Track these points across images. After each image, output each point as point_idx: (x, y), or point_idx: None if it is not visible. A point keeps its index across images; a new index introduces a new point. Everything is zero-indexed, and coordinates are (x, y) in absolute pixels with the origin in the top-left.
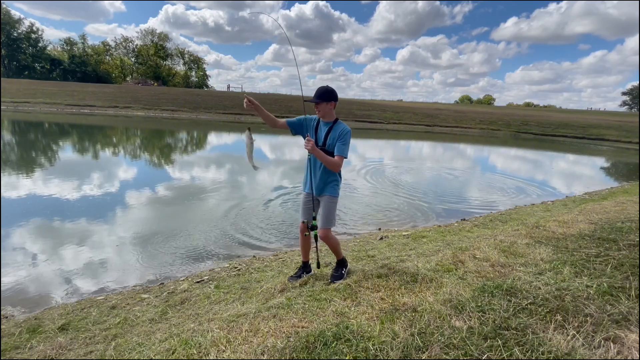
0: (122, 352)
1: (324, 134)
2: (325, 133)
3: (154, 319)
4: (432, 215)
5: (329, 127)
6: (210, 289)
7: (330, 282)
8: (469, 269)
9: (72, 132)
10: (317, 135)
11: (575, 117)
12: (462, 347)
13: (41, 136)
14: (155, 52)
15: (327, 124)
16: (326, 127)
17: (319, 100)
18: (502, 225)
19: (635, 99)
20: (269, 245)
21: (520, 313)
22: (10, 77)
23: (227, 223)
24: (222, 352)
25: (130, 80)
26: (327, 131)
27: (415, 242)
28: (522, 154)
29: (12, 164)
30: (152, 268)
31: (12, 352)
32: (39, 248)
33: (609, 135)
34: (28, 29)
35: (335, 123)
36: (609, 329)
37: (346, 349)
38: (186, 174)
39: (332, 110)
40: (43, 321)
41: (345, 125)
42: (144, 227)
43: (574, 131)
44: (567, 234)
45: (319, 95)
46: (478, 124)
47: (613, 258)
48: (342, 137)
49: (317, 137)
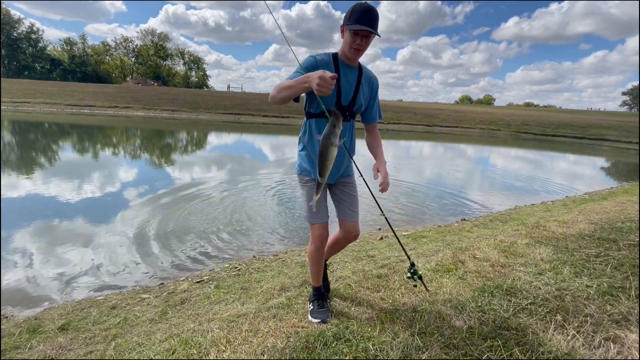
0: (122, 352)
1: (353, 86)
2: (354, 85)
3: (154, 319)
4: (432, 215)
5: (355, 74)
6: (210, 289)
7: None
8: (469, 269)
9: (72, 132)
10: (341, 86)
11: (575, 117)
12: (462, 347)
13: (41, 136)
14: (156, 52)
15: (352, 70)
16: (353, 75)
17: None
18: (502, 225)
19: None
20: (269, 246)
21: (520, 313)
22: (10, 77)
23: (228, 223)
24: (222, 352)
25: (130, 80)
26: (356, 82)
27: (415, 242)
28: (522, 154)
29: (12, 164)
30: (152, 268)
31: (12, 352)
32: (39, 248)
33: (609, 135)
34: (28, 29)
35: (363, 68)
36: (609, 329)
37: (346, 349)
38: (186, 174)
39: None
40: (43, 321)
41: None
42: (144, 227)
43: (574, 131)
44: (567, 234)
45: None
46: (478, 124)
47: (613, 258)
48: (375, 91)
49: (341, 91)
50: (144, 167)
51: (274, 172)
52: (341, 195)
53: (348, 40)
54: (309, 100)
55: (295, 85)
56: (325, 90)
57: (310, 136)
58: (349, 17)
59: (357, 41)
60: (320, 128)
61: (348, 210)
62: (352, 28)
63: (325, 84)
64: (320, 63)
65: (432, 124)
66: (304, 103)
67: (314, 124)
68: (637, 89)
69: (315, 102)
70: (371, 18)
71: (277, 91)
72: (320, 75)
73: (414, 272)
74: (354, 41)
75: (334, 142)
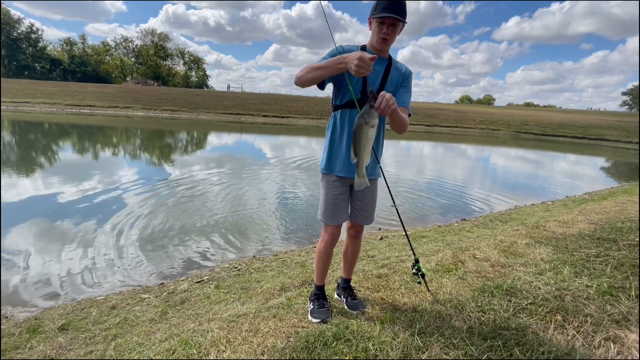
0: (122, 352)
1: (381, 75)
2: (382, 75)
3: (154, 319)
4: (432, 215)
5: (384, 65)
6: (210, 289)
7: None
8: (469, 269)
9: (72, 132)
10: (368, 77)
11: (575, 117)
12: (462, 347)
13: (41, 136)
14: (156, 52)
15: (382, 61)
16: (381, 66)
17: (401, 18)
18: (502, 225)
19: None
20: (269, 246)
21: (520, 313)
22: (10, 77)
23: (228, 223)
24: (222, 352)
25: (130, 80)
26: (384, 72)
27: (415, 242)
28: (522, 154)
29: (12, 164)
30: (152, 268)
31: (12, 352)
32: (39, 248)
33: (609, 135)
34: (28, 29)
35: (393, 60)
36: (609, 329)
37: (346, 349)
38: (186, 174)
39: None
40: (43, 321)
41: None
42: (144, 227)
43: (574, 131)
44: (567, 234)
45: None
46: (478, 124)
47: (613, 258)
48: (407, 80)
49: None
50: (144, 167)
51: (274, 172)
52: (359, 200)
53: (375, 30)
54: (336, 92)
55: (329, 66)
56: (363, 70)
57: (333, 129)
58: (375, 8)
59: (383, 30)
60: (345, 119)
61: (361, 215)
62: (378, 16)
63: (364, 64)
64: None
65: (432, 124)
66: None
67: (339, 115)
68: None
69: (341, 93)
70: (397, 6)
71: (306, 71)
72: (359, 57)
73: (418, 268)
74: (381, 30)
75: (369, 122)
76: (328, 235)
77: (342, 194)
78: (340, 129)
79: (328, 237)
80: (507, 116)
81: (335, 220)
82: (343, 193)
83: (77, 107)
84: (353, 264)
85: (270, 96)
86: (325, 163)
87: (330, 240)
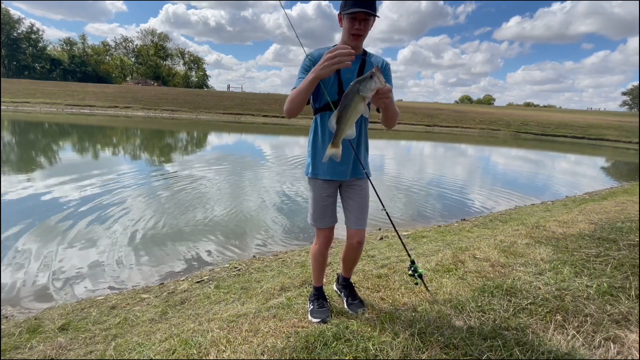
0: (122, 352)
1: (356, 73)
2: (357, 72)
3: (154, 319)
4: (432, 215)
5: (358, 62)
6: (210, 289)
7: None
8: (469, 269)
9: (72, 132)
10: (341, 77)
11: (575, 117)
12: (462, 347)
13: (41, 136)
14: (156, 52)
15: (356, 58)
16: (356, 64)
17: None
18: (502, 225)
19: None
20: (269, 246)
21: (520, 313)
22: (10, 77)
23: (228, 223)
24: (222, 352)
25: (130, 80)
26: (358, 69)
27: (415, 242)
28: (522, 154)
29: (12, 164)
30: (152, 268)
31: (12, 352)
32: (39, 248)
33: (609, 135)
34: (28, 29)
35: (367, 55)
36: (609, 329)
37: (346, 349)
38: (186, 174)
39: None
40: (43, 321)
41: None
42: (144, 226)
43: (573, 131)
44: (567, 234)
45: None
46: (478, 124)
47: (613, 258)
48: (386, 72)
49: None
50: (144, 166)
51: (274, 172)
52: (349, 201)
53: (347, 27)
54: (314, 96)
55: (305, 88)
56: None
57: (315, 132)
58: (344, 4)
59: (355, 26)
60: (325, 122)
61: (353, 218)
62: (349, 12)
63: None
64: (317, 59)
65: (432, 124)
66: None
67: (319, 118)
68: (637, 89)
69: (319, 97)
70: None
71: (289, 102)
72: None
73: (415, 269)
74: (353, 26)
75: (362, 90)
76: (321, 238)
77: (330, 196)
78: (322, 132)
79: (321, 239)
80: (507, 116)
81: (326, 223)
82: (331, 195)
83: (77, 107)
84: (353, 267)
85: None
86: (311, 168)
87: (324, 243)
